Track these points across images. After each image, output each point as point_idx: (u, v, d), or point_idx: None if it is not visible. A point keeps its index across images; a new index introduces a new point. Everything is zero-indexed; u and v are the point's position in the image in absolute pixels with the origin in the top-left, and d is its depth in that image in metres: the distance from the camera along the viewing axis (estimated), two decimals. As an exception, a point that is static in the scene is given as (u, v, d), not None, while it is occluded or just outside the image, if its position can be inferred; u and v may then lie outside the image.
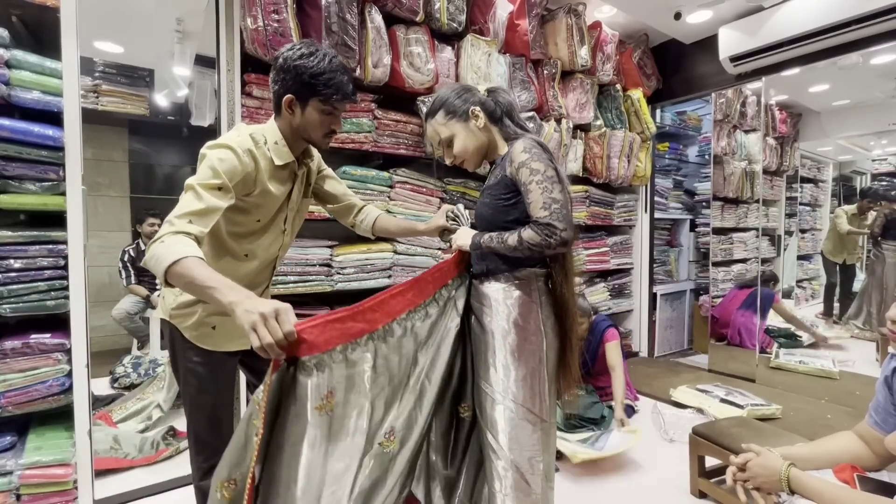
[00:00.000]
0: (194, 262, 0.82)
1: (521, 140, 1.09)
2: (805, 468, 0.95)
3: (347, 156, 2.23)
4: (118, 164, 3.68)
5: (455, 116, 1.16)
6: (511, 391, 1.04)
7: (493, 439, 1.04)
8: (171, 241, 0.85)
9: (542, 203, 1.01)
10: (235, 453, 0.81)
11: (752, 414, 2.30)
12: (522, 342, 1.07)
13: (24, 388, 1.46)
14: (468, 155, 1.18)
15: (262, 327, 0.74)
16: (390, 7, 2.08)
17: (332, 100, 1.08)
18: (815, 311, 3.70)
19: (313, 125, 1.11)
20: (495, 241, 1.06)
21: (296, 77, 1.05)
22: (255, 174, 1.07)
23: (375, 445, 0.92)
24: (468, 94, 1.18)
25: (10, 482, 1.44)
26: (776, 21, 2.67)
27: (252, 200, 1.09)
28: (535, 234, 1.00)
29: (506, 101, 1.19)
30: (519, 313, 1.08)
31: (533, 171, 1.03)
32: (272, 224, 1.18)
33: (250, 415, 0.81)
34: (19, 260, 1.45)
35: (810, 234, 3.90)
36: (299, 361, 0.84)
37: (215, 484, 0.81)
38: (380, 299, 0.97)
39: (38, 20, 1.55)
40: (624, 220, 3.45)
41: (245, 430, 0.81)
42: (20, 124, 1.42)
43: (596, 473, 1.92)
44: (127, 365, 2.72)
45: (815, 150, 3.79)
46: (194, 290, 0.83)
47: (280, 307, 0.76)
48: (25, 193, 1.46)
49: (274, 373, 0.80)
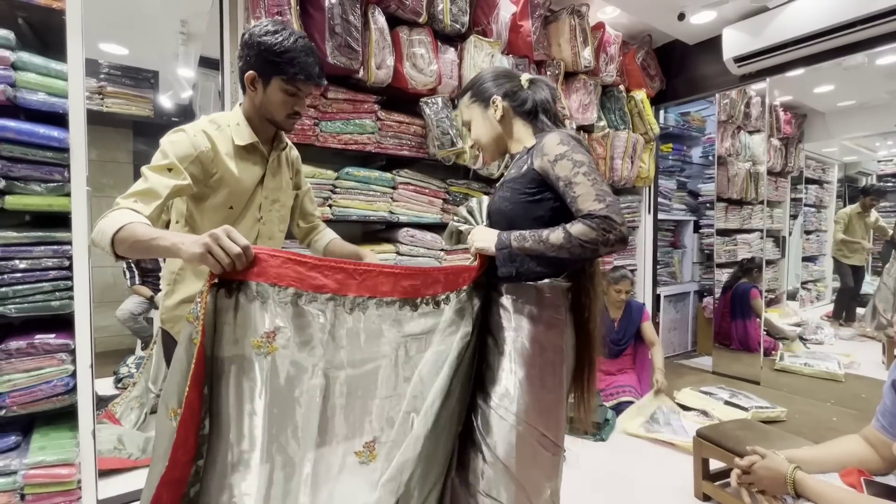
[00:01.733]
0: (136, 225, 0.83)
1: (555, 132, 0.99)
2: (811, 471, 0.94)
3: (350, 157, 2.23)
4: (122, 165, 3.70)
5: (478, 100, 1.10)
6: (526, 414, 0.96)
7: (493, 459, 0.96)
8: (112, 215, 0.87)
9: (596, 195, 0.88)
10: (180, 378, 0.77)
11: (756, 416, 2.29)
12: (544, 363, 0.98)
13: (29, 388, 1.46)
14: (482, 143, 1.12)
15: (216, 246, 0.73)
16: (393, 9, 2.08)
17: (296, 80, 1.07)
18: (820, 313, 3.68)
19: (275, 105, 1.10)
20: (530, 239, 0.92)
21: (259, 53, 1.05)
22: (213, 155, 1.06)
23: (350, 456, 0.84)
24: (504, 79, 1.09)
25: (15, 482, 1.44)
26: (781, 22, 2.65)
27: (216, 181, 1.08)
28: (590, 229, 0.86)
29: (542, 98, 1.09)
30: (543, 332, 0.98)
31: (577, 164, 0.92)
32: (246, 211, 1.15)
33: (189, 335, 0.77)
34: (24, 260, 1.46)
35: (815, 235, 3.88)
36: (244, 284, 0.79)
37: (166, 411, 0.78)
38: (362, 268, 0.87)
39: (43, 22, 1.56)
40: (627, 221, 3.44)
41: (185, 352, 0.76)
42: (26, 126, 1.43)
43: (598, 476, 1.91)
44: (130, 365, 2.73)
45: (819, 151, 3.77)
46: (140, 249, 0.83)
47: (226, 226, 0.76)
48: (31, 194, 1.46)
49: (210, 291, 0.76)
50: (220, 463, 0.81)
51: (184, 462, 0.78)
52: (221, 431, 0.81)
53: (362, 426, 0.88)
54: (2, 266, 1.43)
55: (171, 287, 1.17)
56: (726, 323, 3.39)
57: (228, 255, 0.74)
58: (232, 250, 0.74)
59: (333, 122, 2.01)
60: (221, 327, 0.79)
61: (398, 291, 0.90)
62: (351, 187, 2.09)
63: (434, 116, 2.16)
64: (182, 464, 0.78)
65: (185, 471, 0.79)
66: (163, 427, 0.78)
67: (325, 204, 2.03)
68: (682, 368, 3.45)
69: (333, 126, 2.01)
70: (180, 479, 0.78)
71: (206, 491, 0.81)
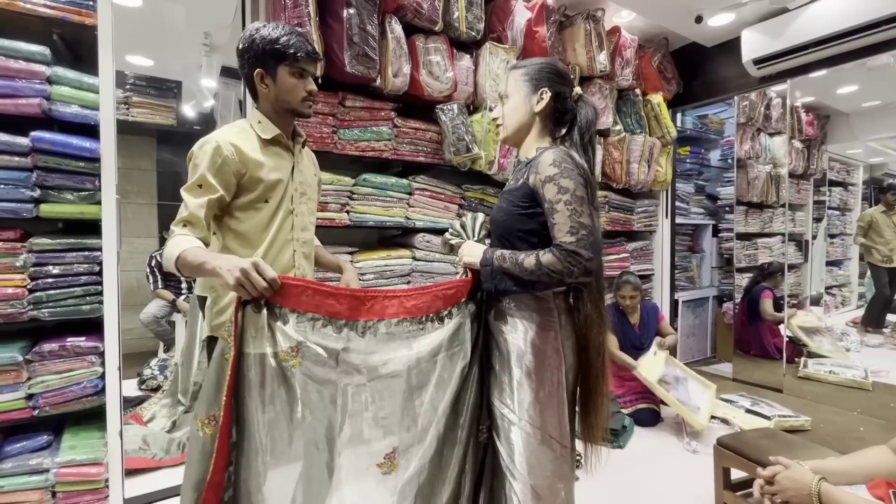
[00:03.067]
0: (189, 251, 0.96)
1: (552, 151, 1.01)
2: (837, 483, 0.92)
3: (367, 164, 2.27)
4: (146, 172, 3.82)
5: (530, 81, 1.08)
6: (528, 414, 0.99)
7: (509, 462, 0.99)
8: (171, 243, 1.01)
9: (570, 228, 0.93)
10: (212, 391, 0.85)
11: (779, 425, 2.24)
12: (540, 364, 1.01)
13: (60, 389, 1.52)
14: (508, 121, 1.11)
15: (246, 280, 0.84)
16: (410, 17, 2.11)
17: (298, 60, 1.13)
18: (845, 319, 3.58)
19: (288, 91, 1.16)
20: (508, 260, 0.98)
21: (255, 51, 1.12)
22: (239, 157, 1.11)
23: (373, 467, 0.92)
24: (562, 80, 1.09)
25: (47, 479, 1.50)
26: (802, 22, 2.61)
27: (248, 180, 1.14)
28: (557, 261, 0.92)
29: (584, 118, 1.08)
30: (536, 333, 1.02)
31: (561, 190, 0.94)
32: (281, 204, 1.21)
33: (221, 351, 0.86)
34: (57, 266, 1.52)
35: (840, 238, 3.78)
36: (271, 304, 0.89)
37: (196, 423, 0.86)
38: (370, 295, 0.96)
39: (76, 37, 1.63)
40: (644, 226, 3.40)
41: (218, 366, 0.85)
42: (60, 137, 1.49)
43: (616, 484, 1.89)
44: (154, 367, 2.80)
45: (843, 153, 3.68)
46: (194, 271, 0.96)
47: (256, 260, 0.85)
48: (64, 203, 1.52)
49: (239, 310, 0.86)
50: (252, 468, 0.87)
51: (221, 468, 0.86)
52: (251, 438, 0.87)
53: (381, 436, 0.94)
54: (37, 271, 1.49)
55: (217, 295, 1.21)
56: (745, 328, 3.32)
57: (256, 287, 0.84)
58: (259, 284, 0.84)
59: (351, 130, 2.05)
60: (249, 341, 0.88)
61: (403, 312, 0.98)
62: (368, 193, 2.12)
63: (450, 123, 2.18)
64: (220, 469, 0.86)
65: (221, 476, 0.86)
66: (195, 437, 0.86)
67: (342, 210, 2.07)
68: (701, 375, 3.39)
69: (351, 133, 2.05)
70: (220, 484, 0.86)
71: (242, 494, 0.87)
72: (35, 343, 1.53)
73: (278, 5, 1.79)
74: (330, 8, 1.89)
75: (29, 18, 1.47)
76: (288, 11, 1.78)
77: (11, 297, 1.45)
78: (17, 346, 1.49)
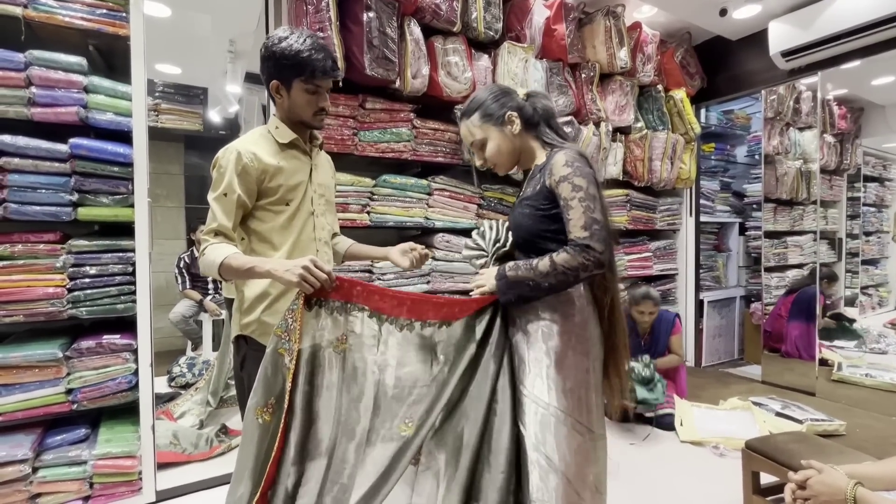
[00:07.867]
0: (232, 258, 1.03)
1: (563, 152, 1.06)
2: (874, 489, 0.89)
3: (387, 165, 2.29)
4: (174, 176, 3.95)
5: (491, 120, 1.13)
6: (558, 401, 1.02)
7: (537, 447, 1.01)
8: (209, 251, 1.07)
9: (584, 223, 0.97)
10: (267, 381, 0.95)
11: (812, 429, 2.16)
12: (567, 350, 1.04)
13: (97, 384, 1.59)
14: (500, 159, 1.16)
15: (309, 275, 0.93)
16: (428, 19, 2.13)
17: (314, 77, 1.14)
18: (883, 321, 3.43)
19: (301, 105, 1.18)
20: (523, 268, 1.02)
21: (275, 63, 1.14)
22: (258, 162, 1.14)
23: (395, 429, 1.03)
24: (506, 97, 1.15)
25: (85, 471, 1.57)
26: (833, 12, 2.52)
27: (269, 185, 1.17)
28: (571, 257, 0.96)
29: (544, 108, 1.16)
30: (563, 321, 1.05)
31: (575, 188, 0.99)
32: (302, 205, 1.24)
33: (275, 345, 0.96)
34: (94, 266, 1.59)
35: (876, 236, 3.62)
36: (326, 301, 1.01)
37: (254, 411, 0.94)
38: (412, 298, 1.07)
39: (110, 47, 1.70)
40: (667, 224, 3.34)
41: (271, 359, 0.95)
42: (96, 143, 1.56)
43: (641, 486, 1.86)
44: (182, 365, 2.89)
45: (879, 147, 3.53)
46: (242, 276, 1.03)
47: (312, 258, 0.95)
48: (99, 206, 1.59)
49: (304, 304, 0.97)
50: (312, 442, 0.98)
51: (281, 447, 0.94)
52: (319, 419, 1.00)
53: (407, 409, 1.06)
54: (75, 272, 1.56)
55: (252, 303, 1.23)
56: (781, 325, 3.19)
57: (318, 280, 0.95)
58: (321, 277, 0.95)
59: (371, 132, 2.08)
60: (308, 333, 1.00)
61: (440, 316, 1.09)
62: (388, 194, 2.14)
63: (468, 123, 2.19)
64: (280, 448, 0.94)
65: (280, 454, 0.94)
66: (253, 424, 0.94)
67: (363, 211, 2.10)
68: (728, 377, 3.30)
69: (371, 135, 2.08)
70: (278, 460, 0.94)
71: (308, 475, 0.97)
72: (73, 340, 1.61)
73: (300, 11, 1.83)
74: (350, 12, 1.93)
75: (67, 31, 1.55)
76: (310, 17, 1.82)
77: (52, 296, 1.53)
78: (57, 343, 1.57)
